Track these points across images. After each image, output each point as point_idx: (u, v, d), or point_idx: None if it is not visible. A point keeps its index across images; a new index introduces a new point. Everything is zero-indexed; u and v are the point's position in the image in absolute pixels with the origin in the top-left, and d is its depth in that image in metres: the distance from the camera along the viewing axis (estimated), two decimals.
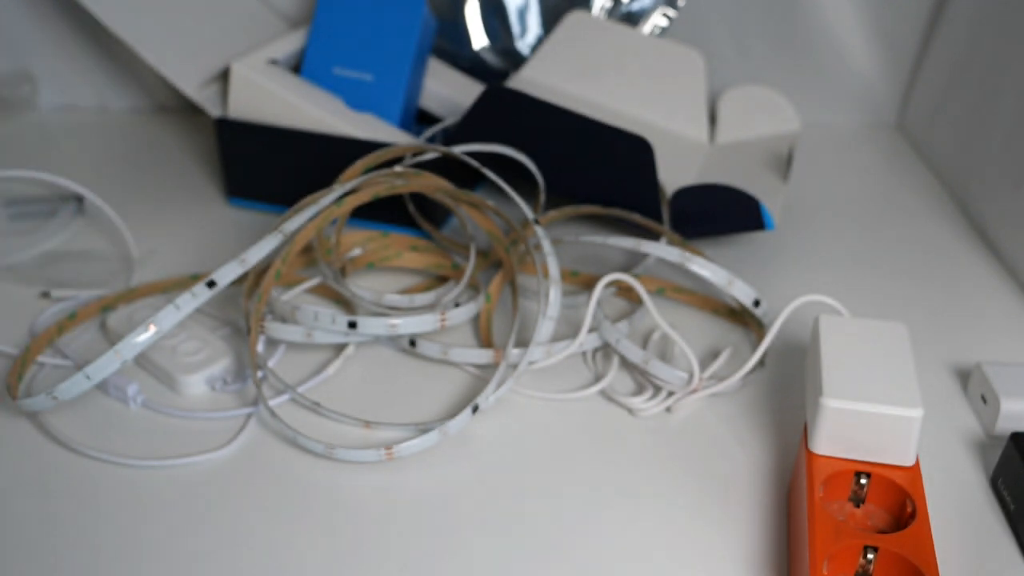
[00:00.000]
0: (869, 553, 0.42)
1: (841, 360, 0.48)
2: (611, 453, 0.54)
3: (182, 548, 0.47)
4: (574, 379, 0.60)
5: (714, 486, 0.52)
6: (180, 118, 0.97)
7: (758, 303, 0.60)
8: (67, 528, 0.48)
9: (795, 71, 0.95)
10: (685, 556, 0.47)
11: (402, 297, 0.63)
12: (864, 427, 0.45)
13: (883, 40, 0.94)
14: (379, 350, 0.62)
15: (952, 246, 0.76)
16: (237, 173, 0.77)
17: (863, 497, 0.46)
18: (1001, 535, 0.49)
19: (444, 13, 0.90)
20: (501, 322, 0.65)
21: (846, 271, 0.72)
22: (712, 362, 0.60)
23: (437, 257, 0.70)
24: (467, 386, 0.59)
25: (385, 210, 0.73)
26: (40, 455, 0.53)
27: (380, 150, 0.68)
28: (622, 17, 0.90)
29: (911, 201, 0.84)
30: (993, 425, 0.55)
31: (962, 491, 0.52)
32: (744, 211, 0.68)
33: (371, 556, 0.47)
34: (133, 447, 0.54)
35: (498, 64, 0.91)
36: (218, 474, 0.52)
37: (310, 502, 0.50)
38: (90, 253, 0.71)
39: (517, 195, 0.65)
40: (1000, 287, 0.71)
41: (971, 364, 0.62)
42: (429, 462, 0.53)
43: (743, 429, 0.56)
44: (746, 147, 0.81)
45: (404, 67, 0.77)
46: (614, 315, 0.66)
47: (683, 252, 0.60)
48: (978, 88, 0.82)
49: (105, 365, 0.52)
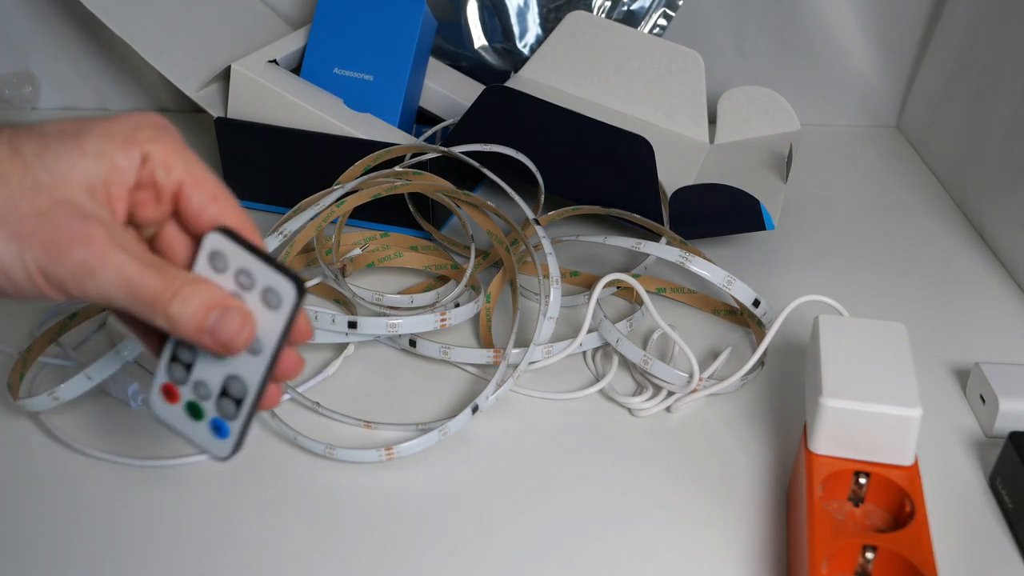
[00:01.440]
0: (868, 552, 0.42)
1: (840, 360, 0.48)
2: (611, 453, 0.54)
3: (182, 548, 0.47)
4: (574, 379, 0.60)
5: (714, 486, 0.52)
6: (180, 118, 0.98)
7: (758, 303, 0.60)
8: (68, 527, 0.48)
9: (795, 71, 0.95)
10: (685, 555, 0.47)
11: (402, 297, 0.63)
12: (863, 427, 0.45)
13: (882, 41, 0.94)
14: (379, 350, 0.62)
15: (951, 246, 0.77)
16: (237, 173, 0.77)
17: (862, 496, 0.46)
18: (999, 534, 0.49)
19: (444, 13, 0.90)
20: (501, 322, 0.65)
21: (846, 271, 0.72)
22: (712, 362, 0.60)
23: (437, 257, 0.70)
24: (467, 386, 0.59)
25: (385, 210, 0.73)
26: (41, 455, 0.53)
27: (380, 150, 0.68)
28: (622, 17, 0.90)
29: (910, 201, 0.84)
30: (991, 425, 0.55)
31: (961, 490, 0.52)
32: (744, 211, 0.68)
33: (371, 556, 0.47)
34: (133, 447, 0.54)
35: (498, 64, 0.91)
36: (218, 474, 0.52)
37: (310, 502, 0.50)
38: None
39: (517, 195, 0.66)
40: (999, 287, 0.71)
41: (970, 364, 0.62)
42: (429, 462, 0.53)
43: (743, 429, 0.56)
44: (746, 147, 0.81)
45: (404, 67, 0.77)
46: (614, 315, 0.66)
47: (683, 252, 0.60)
48: (977, 89, 0.82)
49: (106, 365, 0.52)
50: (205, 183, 0.37)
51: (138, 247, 0.35)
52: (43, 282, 0.34)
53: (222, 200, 0.38)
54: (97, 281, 0.34)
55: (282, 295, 0.36)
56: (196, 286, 0.36)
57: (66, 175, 0.34)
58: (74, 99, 0.99)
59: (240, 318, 0.36)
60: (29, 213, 0.34)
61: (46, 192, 0.34)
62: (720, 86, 0.86)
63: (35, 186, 0.34)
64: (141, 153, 0.36)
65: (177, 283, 0.35)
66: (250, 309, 0.37)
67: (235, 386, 0.38)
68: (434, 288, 0.67)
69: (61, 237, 0.34)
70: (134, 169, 0.36)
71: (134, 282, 0.35)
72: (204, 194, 0.37)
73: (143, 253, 0.35)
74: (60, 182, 0.34)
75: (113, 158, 0.35)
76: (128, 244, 0.35)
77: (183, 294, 0.35)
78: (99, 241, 0.34)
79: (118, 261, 0.34)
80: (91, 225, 0.34)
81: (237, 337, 0.36)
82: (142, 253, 0.35)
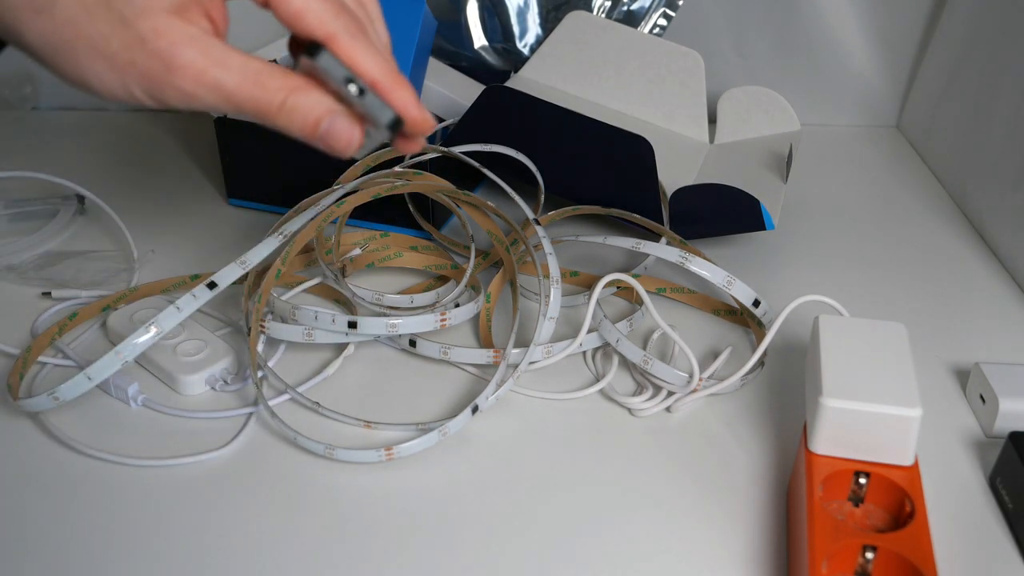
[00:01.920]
0: (868, 552, 0.42)
1: (840, 360, 0.48)
2: (611, 453, 0.54)
3: (182, 548, 0.47)
4: (574, 379, 0.60)
5: (714, 486, 0.52)
6: (180, 118, 0.98)
7: (758, 303, 0.60)
8: (68, 527, 0.48)
9: (795, 71, 0.95)
10: (685, 555, 0.47)
11: (402, 297, 0.63)
12: (863, 427, 0.45)
13: (883, 41, 0.94)
14: (379, 350, 0.62)
15: (951, 246, 0.77)
16: (237, 173, 0.77)
17: (862, 497, 0.46)
18: (999, 534, 0.49)
19: (444, 13, 0.90)
20: (501, 322, 0.65)
21: (845, 271, 0.72)
22: (712, 362, 0.60)
23: (437, 257, 0.70)
24: (467, 386, 0.59)
25: (385, 210, 0.73)
26: (41, 455, 0.53)
27: (380, 150, 0.68)
28: (622, 17, 0.90)
29: (910, 201, 0.84)
30: (991, 425, 0.55)
31: (961, 490, 0.52)
32: (744, 211, 0.68)
33: (371, 556, 0.47)
34: (133, 447, 0.54)
35: (498, 64, 0.91)
36: (218, 474, 0.52)
37: (310, 502, 0.50)
38: (90, 253, 0.72)
39: (517, 195, 0.66)
40: (999, 287, 0.71)
41: (970, 364, 0.62)
42: (429, 462, 0.53)
43: (743, 429, 0.56)
44: (746, 147, 0.81)
45: (404, 67, 0.77)
46: (614, 315, 0.66)
47: (683, 252, 0.60)
48: (977, 89, 0.82)
49: (106, 365, 0.52)
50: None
51: (236, 58, 0.36)
52: (153, 103, 0.36)
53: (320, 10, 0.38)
54: (201, 101, 0.36)
55: (379, 117, 0.37)
56: (299, 96, 0.36)
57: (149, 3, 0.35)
58: (74, 99, 0.99)
59: (349, 124, 0.37)
60: (121, 47, 0.34)
61: (132, 25, 0.34)
62: (720, 86, 0.86)
63: (121, 20, 0.34)
64: None
65: (281, 95, 0.36)
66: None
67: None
68: (434, 288, 0.67)
69: (155, 69, 0.35)
70: None
71: (236, 98, 0.36)
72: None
73: (241, 64, 0.36)
74: (144, 10, 0.34)
75: None
76: (225, 58, 0.35)
77: (288, 106, 0.36)
78: (192, 67, 0.35)
79: (214, 81, 0.35)
80: (182, 52, 0.35)
81: (352, 143, 0.37)
82: (240, 64, 0.36)
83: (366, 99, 0.38)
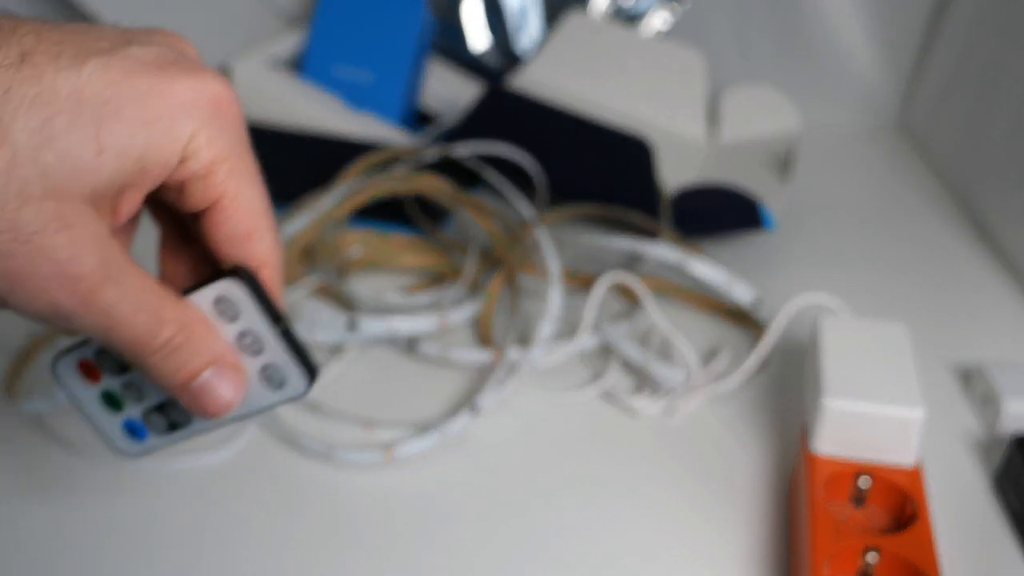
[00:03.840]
0: (870, 554, 0.42)
1: (842, 360, 0.48)
2: (611, 453, 0.54)
3: (182, 548, 0.47)
4: (574, 379, 0.60)
5: (714, 486, 0.52)
6: None
7: (758, 303, 0.60)
8: (67, 528, 0.48)
9: (796, 71, 0.95)
10: (685, 556, 0.47)
11: (402, 297, 0.63)
12: (865, 427, 0.45)
13: (884, 40, 0.94)
14: (379, 350, 0.62)
15: (953, 246, 0.76)
16: None
17: (864, 498, 0.46)
18: (1004, 536, 0.49)
19: (444, 13, 0.90)
20: (501, 322, 0.65)
21: (846, 271, 0.72)
22: (712, 362, 0.60)
23: (437, 257, 0.69)
24: (467, 386, 0.59)
25: (385, 210, 0.73)
26: (40, 455, 0.53)
27: (379, 150, 0.68)
28: (622, 17, 0.90)
29: (912, 201, 0.83)
30: (995, 425, 0.55)
31: (964, 492, 0.52)
32: (744, 211, 0.68)
33: (371, 556, 0.47)
34: None
35: (498, 64, 0.91)
36: (217, 474, 0.52)
37: (310, 502, 0.50)
38: None
39: (517, 195, 0.65)
40: (1002, 287, 0.71)
41: (973, 364, 0.62)
42: (429, 462, 0.53)
43: (743, 429, 0.56)
44: (746, 147, 0.81)
45: (404, 67, 0.77)
46: (614, 315, 0.66)
47: (683, 252, 0.60)
48: (979, 88, 0.82)
49: None
50: (247, 212, 0.29)
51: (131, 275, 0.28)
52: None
53: (257, 239, 0.30)
54: (72, 324, 0.27)
55: (287, 380, 0.30)
56: (192, 333, 0.28)
57: (69, 181, 0.26)
58: None
59: (234, 386, 0.29)
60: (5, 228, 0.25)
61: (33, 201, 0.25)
62: (721, 85, 0.86)
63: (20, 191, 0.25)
64: (183, 153, 0.28)
65: (168, 330, 0.28)
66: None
67: (177, 414, 0.32)
68: (434, 288, 0.67)
69: (34, 273, 0.26)
70: (165, 173, 0.28)
71: (118, 329, 0.27)
72: (239, 227, 0.29)
73: (138, 284, 0.28)
74: (60, 188, 0.26)
75: (143, 157, 0.27)
76: (122, 273, 0.27)
77: (173, 343, 0.28)
78: (86, 284, 0.26)
79: (106, 304, 0.27)
80: (79, 263, 0.26)
81: (226, 408, 0.29)
82: (137, 284, 0.28)
83: (290, 343, 0.30)
